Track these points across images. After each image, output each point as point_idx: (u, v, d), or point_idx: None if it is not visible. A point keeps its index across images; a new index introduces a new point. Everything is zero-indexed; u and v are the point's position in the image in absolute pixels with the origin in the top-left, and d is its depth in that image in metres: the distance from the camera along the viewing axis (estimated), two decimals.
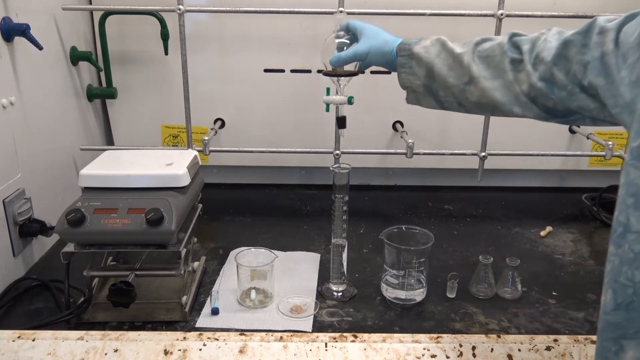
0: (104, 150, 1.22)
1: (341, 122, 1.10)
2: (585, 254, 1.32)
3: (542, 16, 1.37)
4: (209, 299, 1.05)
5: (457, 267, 1.19)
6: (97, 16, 1.48)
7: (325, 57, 1.03)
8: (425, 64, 0.88)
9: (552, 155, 1.53)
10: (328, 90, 1.09)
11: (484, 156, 1.46)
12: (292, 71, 1.56)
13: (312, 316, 1.03)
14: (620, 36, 0.66)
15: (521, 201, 1.65)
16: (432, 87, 0.89)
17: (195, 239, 1.24)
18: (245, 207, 1.57)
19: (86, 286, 1.02)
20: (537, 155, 1.52)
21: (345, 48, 1.02)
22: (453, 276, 1.11)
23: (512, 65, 0.80)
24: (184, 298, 1.04)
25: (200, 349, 0.86)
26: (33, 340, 0.87)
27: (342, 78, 1.05)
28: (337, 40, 1.04)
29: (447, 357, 0.86)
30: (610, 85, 0.65)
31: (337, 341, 0.88)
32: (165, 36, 1.45)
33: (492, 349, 0.87)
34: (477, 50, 0.84)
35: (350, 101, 1.06)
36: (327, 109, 1.07)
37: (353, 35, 1.02)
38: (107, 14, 1.44)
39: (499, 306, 1.09)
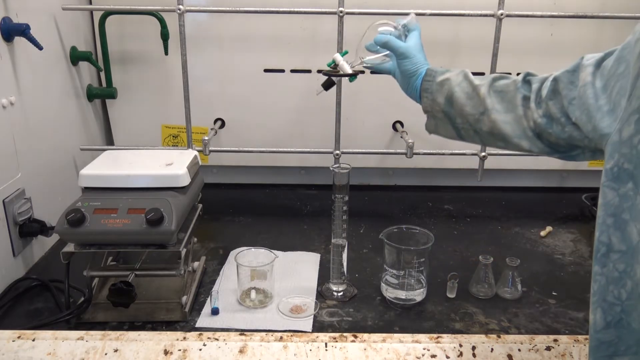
0: (104, 150, 1.22)
1: (328, 85, 1.09)
2: (585, 254, 1.32)
3: (542, 16, 1.37)
4: (209, 299, 1.05)
5: (457, 267, 1.19)
6: (97, 16, 1.48)
7: (364, 41, 1.03)
8: (447, 91, 0.92)
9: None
10: (345, 52, 1.07)
11: (484, 156, 1.46)
12: (292, 71, 1.56)
13: (312, 316, 1.03)
14: (600, 69, 0.70)
15: (521, 201, 1.65)
16: (450, 113, 0.93)
17: (195, 239, 1.24)
18: (245, 207, 1.57)
19: (86, 286, 1.02)
20: (537, 155, 1.52)
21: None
22: (453, 276, 1.11)
23: (523, 101, 0.84)
24: (184, 298, 1.04)
25: (200, 349, 0.86)
26: (33, 340, 0.87)
27: (369, 54, 1.03)
28: (384, 28, 1.02)
29: (447, 357, 0.86)
30: (584, 115, 0.70)
31: (337, 341, 0.88)
32: (165, 36, 1.45)
33: (492, 349, 0.87)
34: (494, 85, 0.89)
35: (352, 79, 1.06)
36: (330, 64, 1.06)
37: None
38: (107, 14, 1.44)
39: (499, 306, 1.09)
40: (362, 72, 1.06)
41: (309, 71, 1.55)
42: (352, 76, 1.05)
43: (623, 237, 0.62)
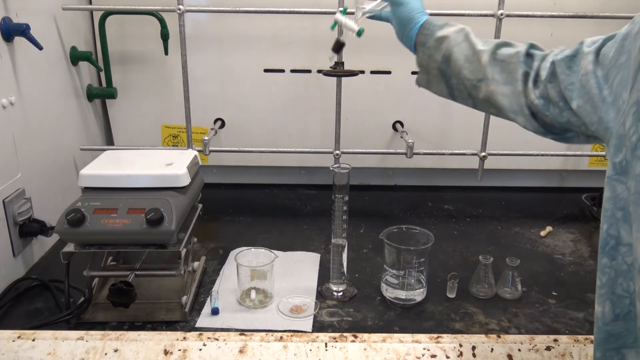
0: (104, 150, 1.22)
1: (338, 47, 1.05)
2: (585, 254, 1.32)
3: (542, 16, 1.37)
4: (209, 299, 1.05)
5: (457, 267, 1.19)
6: (97, 16, 1.48)
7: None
8: (445, 49, 0.88)
9: (552, 155, 1.53)
10: (345, 10, 1.05)
11: (484, 156, 1.46)
12: (292, 71, 1.56)
13: (312, 316, 1.03)
14: (600, 57, 0.68)
15: (521, 201, 1.65)
16: (446, 72, 0.89)
17: (195, 239, 1.24)
18: (245, 207, 1.57)
19: (86, 286, 1.02)
20: (537, 155, 1.52)
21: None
22: (453, 276, 1.11)
23: (523, 77, 0.81)
24: (184, 298, 1.04)
25: (200, 349, 0.86)
26: (33, 340, 0.87)
27: (363, 11, 1.02)
28: None
29: (447, 357, 0.86)
30: (589, 104, 0.68)
31: (337, 341, 0.88)
32: (165, 36, 1.45)
33: (492, 349, 0.87)
34: (497, 52, 0.84)
35: (360, 33, 1.02)
36: (333, 27, 1.03)
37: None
38: (107, 14, 1.44)
39: (499, 306, 1.09)
40: (361, 72, 1.04)
41: (309, 71, 1.55)
42: (359, 31, 1.01)
43: (632, 230, 0.60)
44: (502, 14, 1.33)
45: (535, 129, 0.81)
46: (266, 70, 1.56)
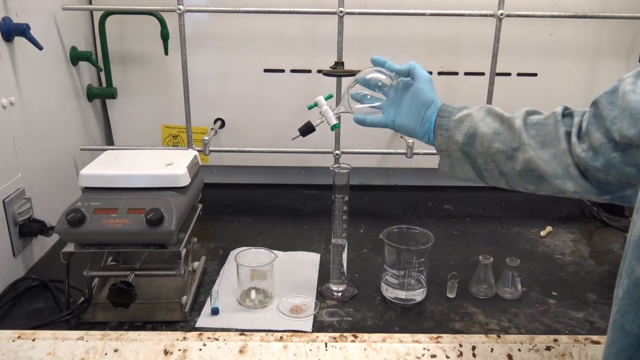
0: (104, 150, 1.22)
1: (307, 131, 0.99)
2: (585, 254, 1.32)
3: (542, 16, 1.37)
4: (209, 299, 1.05)
5: (457, 267, 1.19)
6: (97, 16, 1.48)
7: (347, 101, 0.97)
8: (467, 127, 0.84)
9: None
10: (329, 95, 1.00)
11: None
12: (292, 71, 1.56)
13: (312, 316, 1.03)
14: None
15: (521, 201, 1.65)
16: (470, 153, 0.84)
17: (195, 239, 1.24)
18: (245, 207, 1.57)
19: (86, 286, 1.02)
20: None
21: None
22: (453, 276, 1.11)
23: (565, 135, 0.76)
24: (184, 298, 1.04)
25: (200, 349, 0.86)
26: (33, 340, 0.87)
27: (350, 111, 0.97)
28: (374, 75, 0.94)
29: (447, 357, 0.86)
30: (631, 119, 0.61)
31: (337, 341, 0.88)
32: (165, 36, 1.45)
33: (492, 349, 0.87)
34: (528, 118, 0.80)
35: (334, 127, 0.98)
36: (311, 107, 0.98)
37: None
38: (107, 14, 1.44)
39: (499, 306, 1.09)
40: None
41: (309, 71, 1.55)
42: (334, 126, 0.98)
43: None
44: (502, 14, 1.33)
45: (587, 190, 0.75)
46: (266, 70, 1.56)
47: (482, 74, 1.52)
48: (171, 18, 1.39)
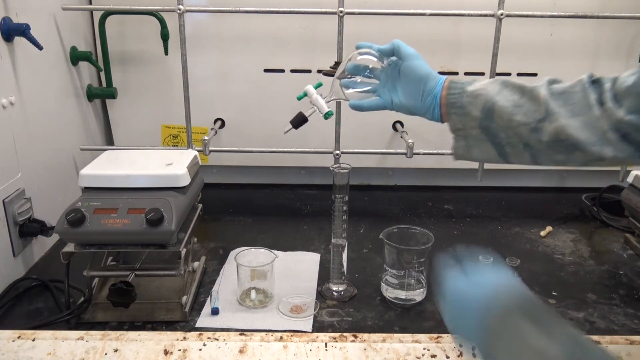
0: (104, 150, 1.22)
1: (299, 122, 0.96)
2: (585, 254, 1.32)
3: (542, 16, 1.37)
4: (209, 299, 1.05)
5: None
6: (97, 16, 1.48)
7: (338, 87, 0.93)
8: (483, 101, 0.78)
9: None
10: (319, 84, 0.96)
11: None
12: (292, 71, 1.56)
13: (312, 316, 1.03)
14: None
15: (521, 201, 1.65)
16: (490, 128, 0.79)
17: (195, 239, 1.24)
18: (245, 207, 1.57)
19: (86, 286, 1.02)
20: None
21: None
22: None
23: (597, 101, 0.72)
24: (184, 298, 1.04)
25: (200, 349, 0.86)
26: (33, 340, 0.87)
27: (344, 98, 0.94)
28: (365, 57, 0.90)
29: (447, 357, 0.86)
30: None
31: (337, 341, 0.88)
32: (165, 36, 1.45)
33: None
34: (552, 87, 0.76)
35: (326, 115, 0.95)
36: (300, 97, 0.95)
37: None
38: (107, 14, 1.44)
39: None
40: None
41: (309, 71, 1.55)
42: (327, 114, 0.94)
43: None
44: (502, 14, 1.33)
45: (630, 155, 0.71)
46: (266, 70, 1.56)
47: (482, 74, 1.52)
48: (171, 18, 1.39)
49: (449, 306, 0.74)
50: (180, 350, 0.85)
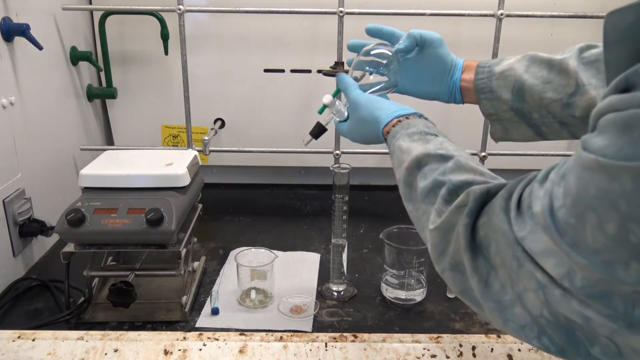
0: (104, 150, 1.22)
1: (319, 133, 0.92)
2: None
3: (542, 16, 1.37)
4: (209, 299, 1.05)
5: None
6: (97, 16, 1.48)
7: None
8: (513, 82, 0.76)
9: (552, 155, 1.53)
10: (336, 92, 0.91)
11: (484, 156, 1.46)
12: (292, 71, 1.56)
13: (312, 316, 1.03)
14: None
15: None
16: (522, 109, 0.76)
17: (195, 239, 1.24)
18: (245, 207, 1.57)
19: (86, 286, 1.02)
20: (537, 155, 1.52)
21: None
22: None
23: None
24: (184, 298, 1.04)
25: (200, 349, 0.86)
26: (33, 340, 0.87)
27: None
28: (378, 51, 0.84)
29: (447, 357, 0.86)
30: None
31: (337, 341, 0.88)
32: (165, 36, 1.45)
33: (492, 349, 0.87)
34: (583, 56, 0.72)
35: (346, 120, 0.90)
36: (321, 111, 0.91)
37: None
38: (107, 14, 1.44)
39: None
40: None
41: (309, 71, 1.55)
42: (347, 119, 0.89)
43: None
44: (502, 14, 1.33)
45: None
46: (266, 70, 1.56)
47: None
48: (171, 18, 1.39)
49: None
50: (180, 350, 0.85)
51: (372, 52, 0.86)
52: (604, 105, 0.40)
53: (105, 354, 0.84)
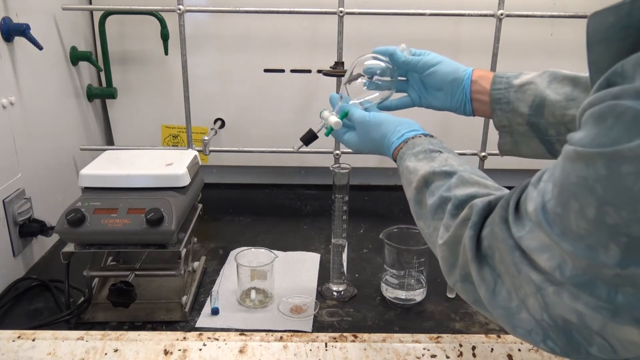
0: (104, 150, 1.22)
1: (310, 139, 0.93)
2: None
3: (542, 16, 1.37)
4: (209, 299, 1.05)
5: None
6: (97, 16, 1.48)
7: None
8: (532, 97, 0.75)
9: None
10: (345, 114, 0.89)
11: (484, 156, 1.46)
12: (292, 71, 1.56)
13: (312, 316, 1.03)
14: None
15: None
16: (539, 124, 0.76)
17: (195, 239, 1.24)
18: (245, 207, 1.57)
19: (86, 286, 1.02)
20: None
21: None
22: None
23: None
24: (184, 298, 1.04)
25: (200, 349, 0.86)
26: (33, 340, 0.87)
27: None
28: (373, 62, 0.87)
29: (447, 357, 0.86)
30: None
31: (337, 341, 0.88)
32: (165, 36, 1.44)
33: (492, 349, 0.87)
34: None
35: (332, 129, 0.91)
36: (327, 133, 0.90)
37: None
38: (107, 14, 1.44)
39: None
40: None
41: (309, 71, 1.55)
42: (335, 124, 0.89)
43: None
44: (502, 14, 1.32)
45: None
46: (266, 70, 1.56)
47: None
48: (171, 18, 1.39)
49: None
50: (180, 350, 0.85)
51: (366, 62, 0.89)
52: (585, 104, 0.43)
53: (105, 354, 0.84)
